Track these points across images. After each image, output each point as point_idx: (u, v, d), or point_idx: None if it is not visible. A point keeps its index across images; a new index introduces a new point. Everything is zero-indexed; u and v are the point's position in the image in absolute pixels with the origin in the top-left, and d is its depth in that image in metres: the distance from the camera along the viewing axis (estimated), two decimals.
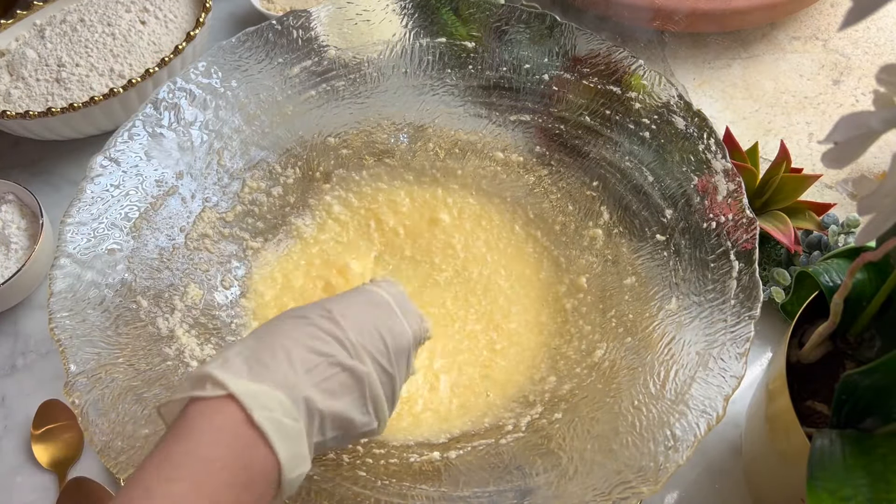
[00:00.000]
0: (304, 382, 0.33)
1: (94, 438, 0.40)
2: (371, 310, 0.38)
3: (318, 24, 0.58)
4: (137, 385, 0.43)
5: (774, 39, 0.79)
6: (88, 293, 0.46)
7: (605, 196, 0.54)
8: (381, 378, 0.36)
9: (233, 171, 0.56)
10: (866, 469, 0.34)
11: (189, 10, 0.76)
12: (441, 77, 0.59)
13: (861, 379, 0.36)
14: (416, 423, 0.48)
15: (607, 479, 0.39)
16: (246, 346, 0.34)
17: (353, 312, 0.37)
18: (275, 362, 0.32)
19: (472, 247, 0.57)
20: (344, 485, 0.42)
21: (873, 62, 0.76)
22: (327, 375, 0.34)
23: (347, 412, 0.34)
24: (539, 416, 0.46)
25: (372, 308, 0.38)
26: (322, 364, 0.34)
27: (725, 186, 0.48)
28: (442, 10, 0.59)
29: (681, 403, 0.41)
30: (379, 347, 0.36)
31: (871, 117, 0.29)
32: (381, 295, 0.39)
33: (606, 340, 0.48)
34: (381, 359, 0.36)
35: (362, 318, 0.37)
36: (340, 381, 0.34)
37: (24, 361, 0.59)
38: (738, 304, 0.43)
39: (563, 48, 0.56)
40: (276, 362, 0.33)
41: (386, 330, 0.37)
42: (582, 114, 0.56)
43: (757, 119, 0.72)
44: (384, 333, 0.37)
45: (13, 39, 0.73)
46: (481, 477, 0.42)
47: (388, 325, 0.37)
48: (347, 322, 0.36)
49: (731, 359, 0.41)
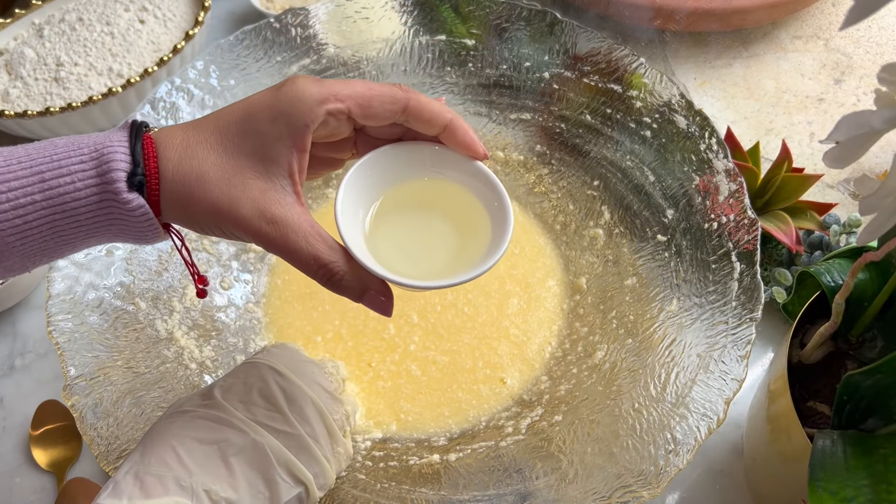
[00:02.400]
0: (199, 476, 0.32)
1: (93, 441, 0.40)
2: (252, 380, 0.37)
3: (317, 21, 0.58)
4: (136, 387, 0.43)
5: (776, 38, 0.78)
6: (87, 295, 0.46)
7: (606, 196, 0.54)
8: (283, 442, 0.35)
9: None
10: (868, 470, 0.34)
11: (188, 9, 0.75)
12: (441, 75, 0.59)
13: (862, 379, 0.36)
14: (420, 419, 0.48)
15: (607, 483, 0.39)
16: (134, 461, 0.33)
17: (236, 389, 0.36)
18: (164, 468, 0.32)
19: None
20: (343, 488, 0.41)
21: (875, 61, 0.76)
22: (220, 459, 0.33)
23: (258, 485, 0.34)
24: (539, 419, 0.45)
25: (253, 378, 0.37)
26: (211, 451, 0.33)
27: (727, 186, 0.47)
28: (442, 8, 0.59)
29: (681, 406, 0.40)
30: (270, 414, 0.36)
31: (872, 117, 0.28)
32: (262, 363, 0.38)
33: (607, 342, 0.48)
34: (274, 423, 0.35)
35: (246, 392, 0.36)
36: (237, 460, 0.34)
37: (22, 362, 0.59)
38: (740, 305, 0.43)
39: (563, 46, 0.56)
40: (166, 468, 0.32)
41: (277, 395, 0.36)
42: (583, 112, 0.56)
43: (758, 118, 0.71)
44: (274, 399, 0.36)
45: (11, 38, 0.73)
46: (481, 480, 0.42)
47: (278, 390, 0.37)
48: (229, 401, 0.35)
49: (733, 361, 0.41)
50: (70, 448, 0.54)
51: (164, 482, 0.32)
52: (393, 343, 0.51)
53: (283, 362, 0.39)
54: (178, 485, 0.32)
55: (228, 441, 0.34)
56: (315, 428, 0.37)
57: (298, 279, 0.55)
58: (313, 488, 0.36)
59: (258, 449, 0.34)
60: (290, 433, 0.36)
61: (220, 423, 0.34)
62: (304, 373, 0.39)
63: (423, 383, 0.50)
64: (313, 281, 0.32)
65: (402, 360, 0.51)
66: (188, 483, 0.32)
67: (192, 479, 0.32)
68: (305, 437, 0.36)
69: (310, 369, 0.40)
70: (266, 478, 0.34)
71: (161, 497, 0.31)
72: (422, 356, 0.51)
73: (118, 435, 0.40)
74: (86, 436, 0.40)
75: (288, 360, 0.40)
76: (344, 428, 0.40)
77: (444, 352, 0.51)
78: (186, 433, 0.34)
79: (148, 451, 0.33)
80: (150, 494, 0.31)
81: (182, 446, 0.33)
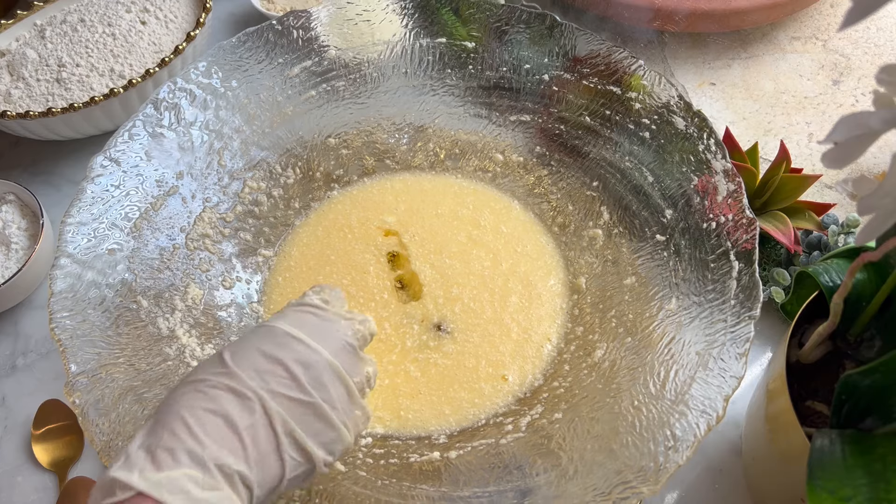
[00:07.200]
0: (211, 448, 0.32)
1: (95, 438, 0.40)
2: (268, 346, 0.36)
3: (319, 24, 0.58)
4: (138, 385, 0.44)
5: (774, 39, 0.79)
6: (89, 293, 0.46)
7: (605, 196, 0.54)
8: (294, 411, 0.34)
9: (233, 172, 0.56)
10: (866, 469, 0.34)
11: (189, 11, 0.76)
12: (441, 77, 0.59)
13: (861, 379, 0.36)
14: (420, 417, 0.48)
15: (607, 479, 0.39)
16: (145, 433, 0.33)
17: (249, 355, 0.35)
18: (176, 440, 0.32)
19: (472, 246, 0.57)
20: (344, 484, 0.42)
21: (873, 62, 0.76)
22: (232, 431, 0.33)
23: (269, 459, 0.33)
24: (539, 416, 0.46)
25: (269, 344, 0.36)
26: (221, 423, 0.33)
27: (725, 186, 0.48)
28: (442, 11, 0.59)
29: (681, 403, 0.41)
30: (284, 381, 0.35)
31: (870, 117, 0.29)
32: (277, 328, 0.37)
33: (606, 340, 0.48)
34: (289, 392, 0.35)
35: (259, 358, 0.35)
36: (249, 432, 0.33)
37: (24, 361, 0.59)
38: (738, 304, 0.43)
39: (563, 48, 0.56)
40: (178, 439, 0.32)
41: (291, 360, 0.35)
42: (582, 114, 0.56)
43: (757, 119, 0.72)
44: (289, 364, 0.35)
45: (13, 39, 0.73)
46: (481, 477, 0.42)
47: (293, 356, 0.36)
48: (243, 369, 0.34)
49: (731, 359, 0.41)
50: (72, 447, 0.54)
51: (175, 455, 0.31)
52: (391, 343, 0.51)
53: (302, 324, 0.38)
54: (191, 458, 0.31)
55: (241, 413, 0.33)
56: (332, 393, 0.36)
57: (300, 277, 0.55)
58: (320, 465, 0.36)
59: (270, 421, 0.34)
60: (306, 401, 0.35)
61: (232, 394, 0.34)
62: (325, 333, 0.38)
63: (422, 382, 0.50)
64: (314, 280, 0.32)
65: (399, 360, 0.51)
66: (200, 456, 0.31)
67: (204, 452, 0.31)
68: (322, 404, 0.35)
69: (333, 327, 0.38)
70: (276, 451, 0.34)
71: (172, 470, 0.31)
72: (422, 357, 0.51)
73: (119, 432, 0.41)
74: (87, 432, 0.40)
75: (308, 320, 0.38)
76: (364, 389, 0.38)
77: (445, 353, 0.51)
78: (199, 404, 0.33)
79: (160, 423, 0.33)
80: (161, 467, 0.31)
81: (194, 418, 0.32)
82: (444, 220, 0.58)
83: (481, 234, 0.57)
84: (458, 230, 0.57)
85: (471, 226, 0.58)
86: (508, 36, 0.58)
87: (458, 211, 0.59)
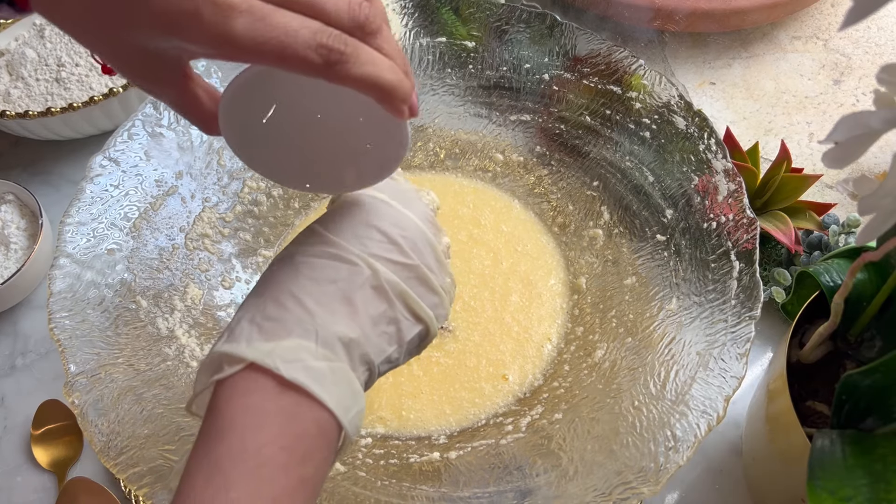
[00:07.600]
0: (322, 317, 0.30)
1: (94, 438, 0.40)
2: (362, 213, 0.34)
3: None
4: (137, 385, 0.43)
5: (775, 39, 0.79)
6: (88, 293, 0.46)
7: (606, 196, 0.54)
8: (400, 274, 0.32)
9: (232, 171, 0.56)
10: (867, 469, 0.34)
11: None
12: (441, 77, 0.59)
13: (861, 379, 0.36)
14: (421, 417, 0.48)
15: (607, 480, 0.39)
16: (248, 308, 0.31)
17: (344, 224, 0.33)
18: (283, 311, 0.30)
19: (473, 245, 0.57)
20: (344, 485, 0.42)
21: (874, 62, 0.76)
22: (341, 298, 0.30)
23: (381, 324, 0.31)
24: (539, 417, 0.46)
25: (362, 212, 0.34)
26: (331, 290, 0.30)
27: (726, 186, 0.48)
28: (442, 10, 0.59)
29: (681, 404, 0.41)
30: (384, 245, 0.33)
31: (871, 117, 0.29)
32: (365, 196, 0.35)
33: (607, 341, 0.48)
34: (391, 255, 0.33)
35: (355, 225, 0.33)
36: (360, 298, 0.31)
37: (23, 361, 0.59)
38: (739, 304, 0.43)
39: (563, 48, 0.56)
40: (285, 310, 0.30)
41: (388, 225, 0.33)
42: (582, 114, 0.56)
43: (757, 119, 0.72)
44: (386, 229, 0.33)
45: (13, 39, 0.73)
46: (481, 477, 0.42)
47: (388, 220, 0.34)
48: (342, 236, 0.32)
49: (732, 359, 0.41)
50: (71, 448, 0.54)
51: (285, 325, 0.29)
52: None
53: (385, 192, 0.36)
54: (302, 327, 0.29)
55: (347, 279, 0.31)
56: (428, 258, 0.34)
57: None
58: (434, 324, 0.34)
59: (379, 284, 0.32)
60: (409, 264, 0.33)
61: (336, 260, 0.31)
62: (407, 199, 0.36)
63: (424, 381, 0.50)
64: None
65: None
66: (311, 325, 0.29)
67: (315, 321, 0.29)
68: (422, 266, 0.34)
69: (412, 195, 0.37)
70: (389, 315, 0.32)
71: (283, 340, 0.29)
72: (424, 355, 0.51)
73: (119, 432, 0.40)
74: (86, 432, 0.40)
75: (389, 186, 0.36)
76: (447, 257, 0.37)
77: (447, 352, 0.51)
78: (303, 273, 0.31)
79: (263, 298, 0.30)
80: (270, 338, 0.29)
81: (299, 288, 0.30)
82: (444, 219, 0.58)
83: (482, 233, 0.57)
84: (459, 229, 0.57)
85: (471, 225, 0.58)
86: (508, 35, 0.57)
87: (459, 210, 0.58)
